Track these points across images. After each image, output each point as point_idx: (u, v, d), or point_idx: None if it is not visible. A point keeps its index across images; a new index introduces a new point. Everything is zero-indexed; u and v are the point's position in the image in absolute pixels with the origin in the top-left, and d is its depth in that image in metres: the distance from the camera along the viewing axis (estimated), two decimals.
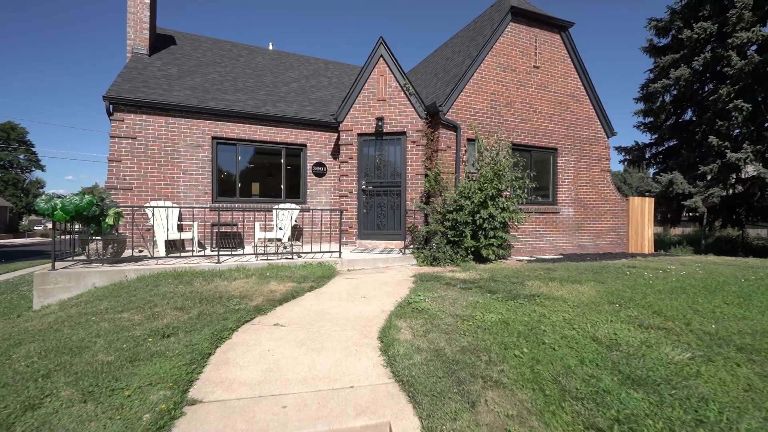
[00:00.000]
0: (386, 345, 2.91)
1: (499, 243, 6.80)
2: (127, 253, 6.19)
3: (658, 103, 12.24)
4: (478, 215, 6.56)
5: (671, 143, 13.04)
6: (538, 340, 2.97)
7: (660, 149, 13.63)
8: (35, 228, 57.65)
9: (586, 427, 2.02)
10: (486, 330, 3.16)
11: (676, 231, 23.03)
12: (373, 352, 2.84)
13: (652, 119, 13.11)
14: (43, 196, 4.70)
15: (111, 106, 7.05)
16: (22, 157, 57.26)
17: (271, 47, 13.17)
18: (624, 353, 2.85)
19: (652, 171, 14.47)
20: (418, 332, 3.13)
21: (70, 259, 5.30)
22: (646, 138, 13.67)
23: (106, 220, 5.06)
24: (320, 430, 1.92)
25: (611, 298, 4.31)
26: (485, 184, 6.72)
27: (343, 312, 3.83)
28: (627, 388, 2.37)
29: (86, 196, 4.83)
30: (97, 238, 5.12)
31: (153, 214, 6.10)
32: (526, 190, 7.25)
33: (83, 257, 5.39)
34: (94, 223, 5.03)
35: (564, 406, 2.17)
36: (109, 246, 5.25)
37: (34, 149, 58.62)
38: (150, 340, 2.88)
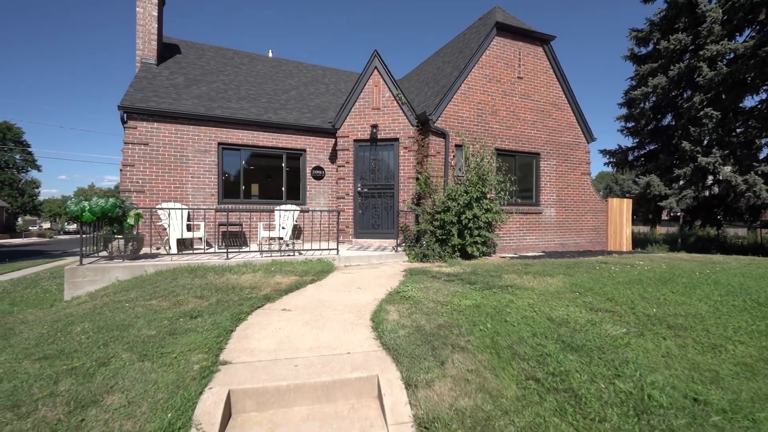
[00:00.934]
0: (377, 324, 3.52)
1: (483, 241, 7.43)
2: (144, 250, 6.75)
3: (639, 109, 12.94)
4: (463, 216, 7.19)
5: (651, 147, 13.76)
6: (502, 319, 3.60)
7: (642, 152, 14.35)
8: (30, 228, 57.67)
9: (526, 378, 2.65)
10: (460, 312, 3.78)
11: (662, 230, 23.85)
12: (366, 329, 3.46)
13: (633, 124, 13.82)
14: (73, 199, 5.26)
15: (125, 115, 7.60)
16: (18, 157, 57.22)
17: (270, 54, 13.75)
18: (571, 329, 3.48)
19: (636, 173, 15.17)
20: (404, 314, 3.75)
21: (95, 255, 5.87)
22: (628, 142, 14.42)
23: (128, 221, 5.63)
24: (325, 380, 2.53)
25: (574, 288, 4.95)
26: (470, 188, 7.35)
27: (340, 300, 4.44)
28: (566, 353, 3.00)
29: (110, 199, 5.40)
30: (118, 236, 5.69)
31: (169, 215, 6.67)
32: (507, 193, 7.88)
33: (105, 254, 5.96)
34: (116, 223, 5.59)
35: (513, 365, 2.80)
36: (130, 244, 5.82)
37: (30, 149, 58.60)
38: (181, 320, 3.48)
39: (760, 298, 4.81)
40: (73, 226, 75.08)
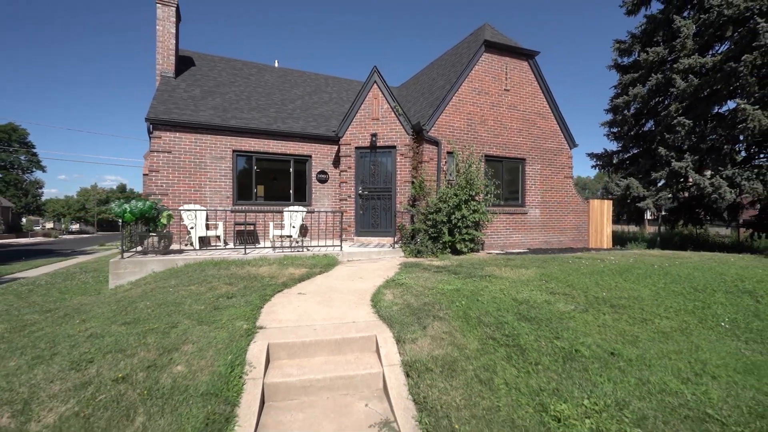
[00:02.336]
0: (375, 302, 4.42)
1: (470, 238, 8.32)
2: (173, 247, 7.64)
3: (622, 116, 13.82)
4: (453, 216, 8.08)
5: (634, 151, 14.65)
6: (475, 299, 4.49)
7: (626, 156, 15.24)
8: (34, 228, 58.56)
9: (486, 338, 3.55)
10: (443, 294, 4.67)
11: (651, 230, 24.77)
12: (366, 306, 4.35)
13: (617, 129, 14.70)
14: (116, 202, 6.15)
15: (151, 126, 8.49)
16: (23, 158, 58.08)
17: (276, 64, 14.64)
18: (529, 306, 4.38)
19: (620, 175, 16.04)
20: (397, 295, 4.64)
21: (132, 251, 6.76)
22: (614, 146, 15.26)
23: (161, 221, 6.52)
24: (337, 337, 3.43)
25: (543, 277, 5.84)
26: (459, 191, 8.24)
27: (345, 286, 5.33)
28: (520, 322, 3.90)
29: (147, 202, 6.29)
30: (152, 234, 6.58)
31: (195, 216, 7.56)
32: (493, 195, 8.77)
33: (140, 249, 6.85)
34: (151, 223, 6.48)
35: (478, 329, 3.69)
36: (162, 241, 6.71)
37: (34, 150, 59.48)
38: (220, 299, 4.37)
39: (699, 285, 5.72)
40: (76, 226, 75.91)
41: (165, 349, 3.06)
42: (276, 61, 15.12)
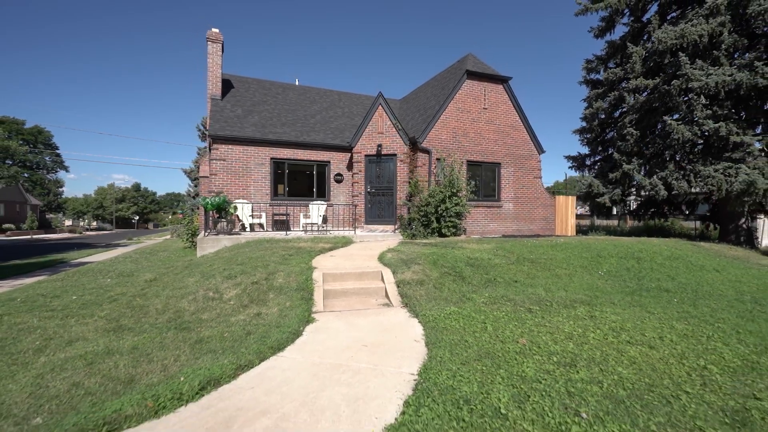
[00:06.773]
0: (380, 258, 7.08)
1: (453, 225, 10.94)
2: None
3: (590, 125, 16.31)
4: (439, 208, 10.70)
5: (602, 155, 17.12)
6: (443, 256, 7.13)
7: (596, 159, 17.71)
8: (58, 225, 61.86)
9: (444, 272, 6.20)
10: (423, 254, 7.32)
11: (631, 223, 27.05)
12: (375, 260, 7.02)
13: (588, 136, 17.18)
14: (201, 196, 8.87)
15: (211, 140, 11.22)
16: (48, 158, 61.53)
17: (297, 82, 17.33)
18: (476, 260, 7.01)
19: (591, 175, 18.51)
20: (394, 255, 7.30)
21: (206, 232, 9.50)
22: (585, 150, 17.76)
23: (229, 210, 9.24)
24: (359, 272, 6.12)
25: (496, 248, 8.45)
26: (444, 189, 10.87)
27: (360, 253, 8.01)
28: (467, 266, 6.54)
29: (221, 197, 9.01)
30: (223, 220, 9.31)
31: (252, 209, 10.28)
32: (471, 192, 11.39)
33: (211, 230, 9.57)
34: (223, 212, 9.21)
35: (440, 268, 6.35)
36: (228, 225, 9.44)
37: (58, 151, 62.93)
38: (285, 256, 7.06)
39: (604, 253, 8.31)
40: (94, 224, 79.71)
41: (269, 273, 5.76)
42: (297, 80, 17.81)
